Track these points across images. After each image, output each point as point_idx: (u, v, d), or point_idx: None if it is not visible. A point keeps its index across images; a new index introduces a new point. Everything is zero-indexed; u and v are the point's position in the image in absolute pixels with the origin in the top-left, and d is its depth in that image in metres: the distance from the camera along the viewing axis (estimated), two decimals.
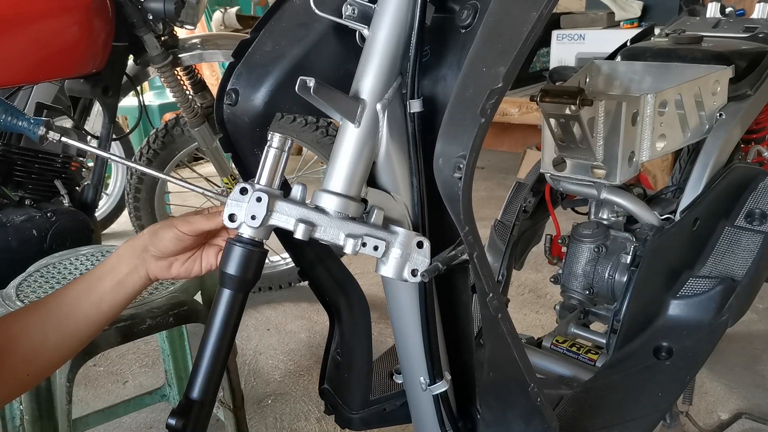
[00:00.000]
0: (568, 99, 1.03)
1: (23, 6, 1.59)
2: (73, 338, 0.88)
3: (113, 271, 0.88)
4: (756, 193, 1.31)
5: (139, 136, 3.37)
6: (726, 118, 1.30)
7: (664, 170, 2.67)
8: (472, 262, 0.77)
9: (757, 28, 1.52)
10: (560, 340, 1.32)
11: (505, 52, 0.71)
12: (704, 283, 1.24)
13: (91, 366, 2.11)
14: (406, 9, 0.81)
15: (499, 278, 1.43)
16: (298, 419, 1.83)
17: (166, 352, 1.66)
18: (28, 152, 1.81)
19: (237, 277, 0.81)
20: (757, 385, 1.88)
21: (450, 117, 0.74)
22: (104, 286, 0.88)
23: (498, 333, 0.83)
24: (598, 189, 1.21)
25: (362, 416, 1.15)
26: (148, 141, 2.34)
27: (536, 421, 0.92)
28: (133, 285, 0.89)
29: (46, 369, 0.89)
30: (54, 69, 1.72)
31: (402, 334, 0.98)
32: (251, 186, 0.79)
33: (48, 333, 0.85)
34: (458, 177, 0.71)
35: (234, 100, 0.90)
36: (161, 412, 1.85)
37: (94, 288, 0.88)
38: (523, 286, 2.54)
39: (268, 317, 2.42)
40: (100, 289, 0.88)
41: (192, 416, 0.81)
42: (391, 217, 0.86)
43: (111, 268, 0.89)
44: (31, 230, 1.71)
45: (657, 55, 1.38)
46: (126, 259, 0.89)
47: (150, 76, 2.18)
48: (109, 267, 0.89)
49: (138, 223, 2.43)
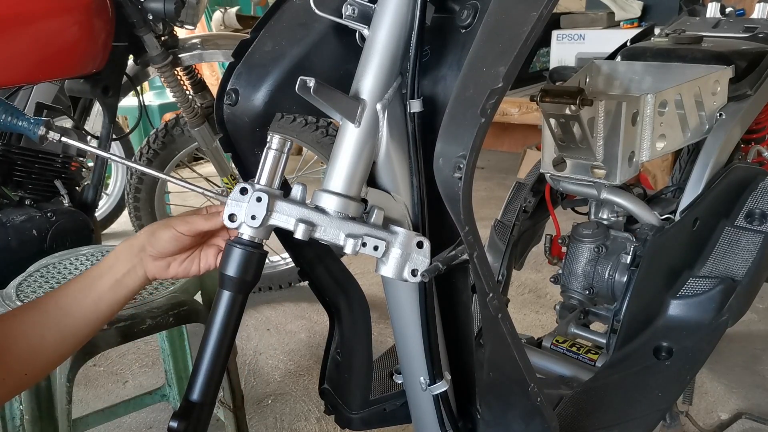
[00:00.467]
0: (568, 99, 1.03)
1: (23, 6, 1.59)
2: (71, 337, 0.87)
3: (111, 270, 0.88)
4: (756, 193, 1.31)
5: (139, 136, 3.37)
6: (726, 118, 1.30)
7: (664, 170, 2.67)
8: (472, 262, 0.77)
9: (757, 28, 1.52)
10: (560, 340, 1.32)
11: (505, 52, 0.71)
12: (704, 283, 1.24)
13: (91, 366, 2.11)
14: (406, 9, 0.81)
15: (499, 278, 1.43)
16: (298, 419, 1.83)
17: (166, 352, 1.66)
18: (28, 152, 1.81)
19: (237, 278, 0.81)
20: (757, 385, 1.88)
21: (450, 117, 0.74)
22: (102, 286, 0.88)
23: (498, 333, 0.83)
24: (598, 189, 1.21)
25: (362, 416, 1.15)
26: (148, 141, 2.34)
27: (536, 421, 0.92)
28: (131, 285, 0.89)
29: (44, 368, 0.89)
30: (54, 69, 1.72)
31: (402, 334, 0.98)
32: (251, 186, 0.79)
33: (46, 332, 0.85)
34: (458, 177, 0.72)
35: (234, 100, 0.90)
36: (161, 412, 1.85)
37: (92, 287, 0.87)
38: (523, 286, 2.55)
39: (268, 317, 2.42)
40: (98, 289, 0.87)
41: (193, 418, 0.81)
42: (391, 217, 0.86)
43: (109, 267, 0.88)
44: (31, 230, 1.71)
45: (657, 55, 1.38)
46: (124, 258, 0.88)
47: (150, 76, 2.18)
48: (107, 266, 0.89)
49: (138, 223, 2.43)
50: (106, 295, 0.88)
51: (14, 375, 0.84)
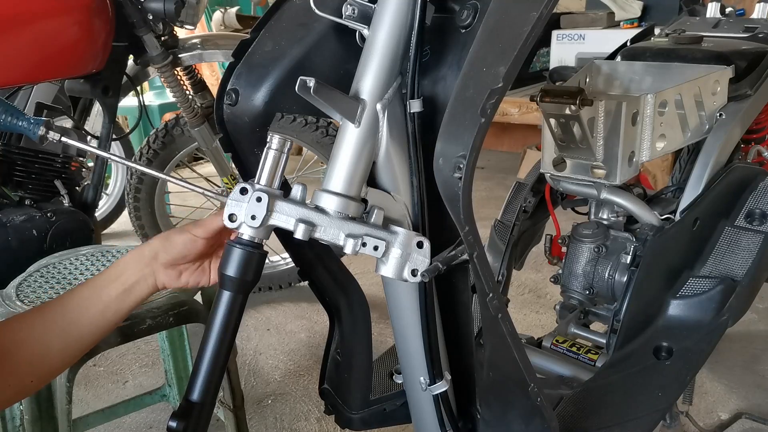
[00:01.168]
0: (568, 99, 1.03)
1: (23, 6, 1.59)
2: (76, 344, 0.87)
3: (119, 279, 0.88)
4: (756, 193, 1.31)
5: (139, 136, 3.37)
6: (726, 118, 1.30)
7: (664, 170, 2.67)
8: (472, 262, 0.77)
9: (757, 28, 1.52)
10: (560, 340, 1.32)
11: (505, 52, 0.71)
12: (704, 283, 1.24)
13: (91, 366, 2.11)
14: (406, 9, 0.81)
15: (499, 278, 1.43)
16: (298, 419, 1.83)
17: (166, 352, 1.66)
18: (28, 152, 1.81)
19: (237, 278, 0.81)
20: (757, 385, 1.88)
21: (450, 117, 0.74)
22: (110, 294, 0.87)
23: (498, 333, 0.83)
24: (598, 189, 1.21)
25: (362, 416, 1.15)
26: (148, 141, 2.34)
27: (536, 421, 0.92)
28: (139, 293, 0.89)
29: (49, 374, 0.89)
30: (54, 69, 1.72)
31: (402, 334, 0.98)
32: (251, 186, 0.80)
33: (52, 339, 0.85)
34: (458, 177, 0.72)
35: (234, 100, 0.90)
36: (161, 412, 1.85)
37: (99, 296, 0.87)
38: (523, 286, 2.54)
39: (268, 317, 2.42)
40: (105, 297, 0.87)
41: (192, 418, 0.81)
42: (391, 217, 0.86)
43: (117, 275, 0.88)
44: (31, 230, 1.71)
45: (657, 55, 1.38)
46: (133, 267, 0.88)
47: (150, 76, 2.18)
48: (115, 274, 0.88)
49: (138, 222, 2.43)
50: (113, 303, 0.87)
51: (19, 380, 0.84)
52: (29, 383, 0.86)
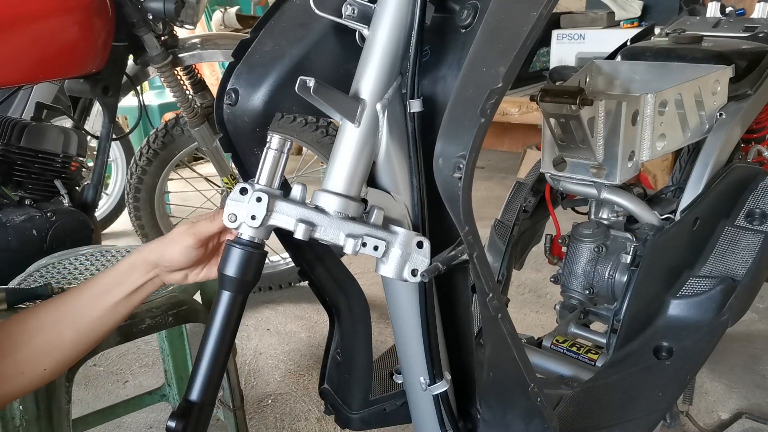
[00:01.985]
0: (568, 99, 1.03)
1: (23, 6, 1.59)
2: (88, 335, 0.89)
3: (128, 279, 0.89)
4: (756, 193, 1.31)
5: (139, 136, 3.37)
6: (726, 118, 1.29)
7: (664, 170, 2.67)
8: (472, 262, 0.77)
9: (757, 27, 1.52)
10: (560, 340, 1.32)
11: (505, 52, 0.71)
12: (704, 283, 1.24)
13: (91, 366, 2.11)
14: (406, 9, 0.81)
15: (499, 278, 1.43)
16: (298, 419, 1.83)
17: (165, 352, 1.66)
18: (28, 152, 1.81)
19: (236, 279, 0.81)
20: (757, 385, 1.88)
21: (450, 117, 0.74)
22: (119, 293, 0.89)
23: (498, 333, 0.83)
24: (598, 189, 1.21)
25: (362, 416, 1.15)
26: (148, 141, 2.34)
27: (536, 421, 0.92)
28: (148, 290, 0.91)
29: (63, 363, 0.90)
30: (54, 69, 1.72)
31: (402, 334, 0.98)
32: (251, 186, 0.79)
33: (63, 330, 0.87)
34: (458, 177, 0.71)
35: (234, 100, 0.90)
36: (161, 412, 1.85)
37: (109, 294, 0.89)
38: (523, 286, 2.54)
39: (268, 317, 2.42)
40: (115, 296, 0.89)
41: (192, 418, 0.81)
42: (391, 217, 0.86)
43: (125, 276, 0.90)
44: (31, 230, 1.71)
45: (657, 55, 1.38)
46: (141, 269, 0.90)
47: (150, 76, 2.18)
48: (124, 275, 0.90)
49: (138, 222, 2.43)
50: (123, 301, 0.89)
51: (34, 368, 0.87)
52: (43, 372, 0.87)
